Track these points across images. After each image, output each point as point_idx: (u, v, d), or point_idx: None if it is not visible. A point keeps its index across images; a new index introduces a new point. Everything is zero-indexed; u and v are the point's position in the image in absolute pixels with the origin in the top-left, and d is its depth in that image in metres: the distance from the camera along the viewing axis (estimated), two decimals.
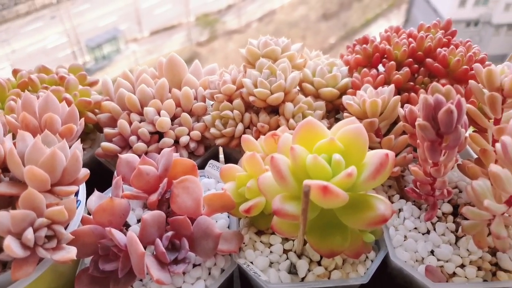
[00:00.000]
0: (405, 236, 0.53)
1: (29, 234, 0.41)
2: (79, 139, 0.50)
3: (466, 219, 0.52)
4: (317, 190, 0.39)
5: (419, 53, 0.61)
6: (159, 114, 0.63)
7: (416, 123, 0.42)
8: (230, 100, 0.64)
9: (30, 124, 0.51)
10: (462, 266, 0.50)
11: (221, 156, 0.74)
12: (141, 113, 0.64)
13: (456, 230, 0.53)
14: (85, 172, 0.50)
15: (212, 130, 0.64)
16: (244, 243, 0.53)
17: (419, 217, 0.55)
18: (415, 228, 0.54)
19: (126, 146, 0.63)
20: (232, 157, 0.68)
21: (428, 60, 0.60)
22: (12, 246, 0.40)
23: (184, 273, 0.50)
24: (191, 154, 0.66)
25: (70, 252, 0.44)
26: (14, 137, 0.50)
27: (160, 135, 0.64)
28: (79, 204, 0.51)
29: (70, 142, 0.53)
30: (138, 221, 0.56)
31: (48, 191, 0.46)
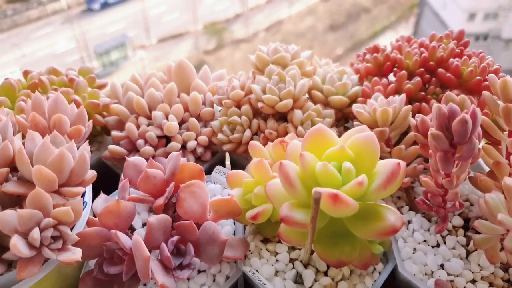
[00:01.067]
0: (414, 249, 0.52)
1: (35, 233, 0.41)
2: (87, 141, 0.50)
3: (477, 233, 0.51)
4: (327, 198, 0.38)
5: (431, 63, 0.60)
6: (167, 118, 0.63)
7: (429, 132, 0.41)
8: (238, 106, 0.63)
9: (39, 124, 0.51)
10: (473, 281, 0.49)
11: (227, 162, 0.73)
12: (149, 117, 0.64)
13: (467, 244, 0.52)
14: (92, 173, 0.49)
15: (220, 136, 0.63)
16: (249, 250, 0.52)
17: (428, 230, 0.54)
18: (425, 241, 0.53)
19: (133, 149, 0.63)
20: (239, 163, 0.67)
21: (440, 70, 0.59)
22: (18, 245, 0.39)
23: (188, 279, 0.49)
24: (198, 159, 0.66)
25: (75, 254, 0.44)
26: (23, 137, 0.50)
27: (168, 139, 0.64)
28: (85, 206, 0.51)
29: (78, 143, 0.53)
30: (143, 224, 0.55)
31: (55, 191, 0.46)
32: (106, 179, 0.61)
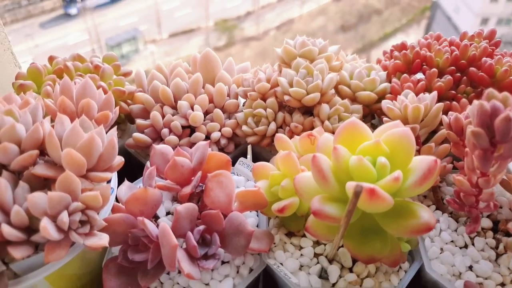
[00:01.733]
0: (442, 249, 0.51)
1: (64, 217, 0.41)
2: (115, 127, 0.50)
3: (508, 235, 0.51)
4: (364, 193, 0.37)
5: (462, 61, 0.59)
6: (192, 109, 0.62)
7: (469, 129, 0.40)
8: (264, 99, 0.63)
9: (68, 109, 0.51)
10: (503, 284, 0.48)
11: (249, 156, 0.72)
12: (174, 107, 0.64)
13: (497, 247, 0.51)
14: (119, 159, 0.49)
15: (244, 128, 0.63)
16: (274, 243, 0.52)
17: (456, 230, 0.53)
18: (452, 241, 0.52)
19: (157, 138, 0.62)
20: (262, 156, 0.67)
21: (472, 69, 0.58)
22: (48, 228, 0.39)
23: (212, 269, 0.49)
24: (221, 151, 0.65)
25: (102, 239, 0.43)
26: (51, 121, 0.50)
27: (192, 129, 0.64)
28: (112, 192, 0.51)
29: (105, 129, 0.52)
30: (167, 214, 0.55)
31: (83, 176, 0.46)
32: (128, 167, 0.61)
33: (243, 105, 0.68)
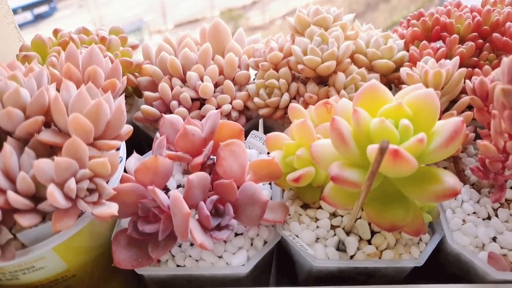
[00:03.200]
0: (464, 220, 0.49)
1: (71, 184, 0.39)
2: (123, 95, 0.48)
3: None
4: (387, 155, 0.35)
5: (485, 27, 0.56)
6: (201, 80, 0.60)
7: (497, 88, 0.38)
8: (276, 69, 0.60)
9: (74, 76, 0.49)
10: None
11: (260, 129, 0.70)
12: (183, 79, 0.62)
13: None
14: (128, 128, 0.47)
15: (256, 100, 0.61)
16: (289, 215, 0.50)
17: (478, 202, 0.51)
18: (474, 213, 0.50)
19: (166, 110, 0.60)
20: (274, 130, 0.64)
21: (496, 35, 0.55)
22: (55, 194, 0.38)
23: (225, 241, 0.47)
24: None
25: (111, 208, 0.42)
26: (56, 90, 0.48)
27: (201, 103, 0.62)
28: (120, 161, 0.49)
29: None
30: (178, 187, 0.53)
31: (90, 144, 0.44)
32: (136, 142, 0.59)
33: (254, 78, 0.66)
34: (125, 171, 0.51)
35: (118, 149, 0.50)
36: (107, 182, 0.46)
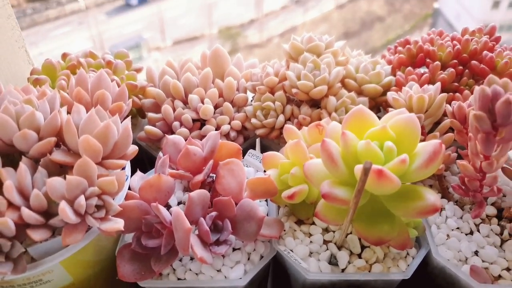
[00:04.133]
0: (448, 235, 0.52)
1: (81, 200, 0.42)
2: (129, 117, 0.51)
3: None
4: (372, 174, 0.39)
5: (464, 55, 0.61)
6: (202, 102, 0.64)
7: (471, 113, 0.42)
8: (272, 92, 0.64)
9: (83, 100, 0.53)
10: (508, 269, 0.49)
11: (257, 148, 0.74)
12: (184, 101, 0.65)
13: (501, 233, 0.52)
14: (133, 148, 0.51)
15: (253, 121, 0.64)
16: (284, 231, 0.53)
17: (461, 218, 0.54)
18: (458, 228, 0.53)
19: (168, 131, 0.64)
20: (270, 149, 0.68)
21: (474, 62, 0.60)
22: (66, 210, 0.41)
23: (223, 256, 0.50)
24: None
25: (117, 223, 0.45)
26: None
27: (202, 123, 0.65)
28: (126, 179, 0.52)
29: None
30: (178, 203, 0.56)
31: (98, 163, 0.47)
32: (139, 161, 0.62)
33: (251, 100, 0.70)
34: (129, 188, 0.54)
35: (123, 167, 0.53)
36: (113, 199, 0.49)
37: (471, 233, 0.52)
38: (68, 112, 0.51)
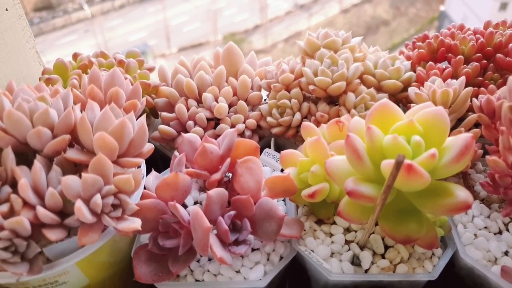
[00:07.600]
0: (475, 235, 0.50)
1: (98, 199, 0.41)
2: (144, 114, 0.50)
3: None
4: (401, 170, 0.37)
5: (488, 48, 0.59)
6: (216, 101, 0.63)
7: (505, 105, 0.40)
8: (288, 90, 0.63)
9: (97, 98, 0.52)
10: None
11: (272, 148, 0.72)
12: (198, 100, 0.64)
13: None
14: (149, 146, 0.49)
15: (269, 119, 0.63)
16: (304, 230, 0.51)
17: (488, 217, 0.52)
18: (486, 227, 0.51)
19: (182, 130, 0.62)
20: (285, 149, 0.66)
21: (499, 55, 0.58)
22: (83, 210, 0.39)
23: (242, 256, 0.48)
24: None
25: (134, 223, 0.43)
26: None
27: (216, 122, 0.64)
28: (142, 178, 0.51)
29: None
30: (194, 203, 0.55)
31: (114, 161, 0.46)
32: (153, 161, 0.61)
33: (265, 98, 0.68)
34: (144, 188, 0.53)
35: (139, 166, 0.52)
36: (130, 197, 0.48)
37: (500, 232, 0.50)
38: (82, 111, 0.49)
